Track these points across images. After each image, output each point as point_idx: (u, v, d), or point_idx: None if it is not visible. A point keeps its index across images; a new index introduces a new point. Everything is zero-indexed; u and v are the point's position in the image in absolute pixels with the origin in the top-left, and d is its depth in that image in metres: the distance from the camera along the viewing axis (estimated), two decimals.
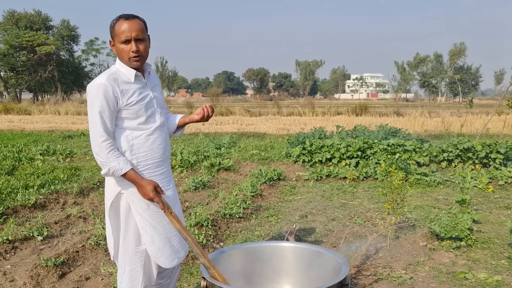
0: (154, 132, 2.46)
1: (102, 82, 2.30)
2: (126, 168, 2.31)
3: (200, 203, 5.85)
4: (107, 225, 2.52)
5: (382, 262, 3.92)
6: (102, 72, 2.47)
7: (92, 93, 2.31)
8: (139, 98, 2.39)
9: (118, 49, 2.36)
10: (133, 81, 2.39)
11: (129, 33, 2.31)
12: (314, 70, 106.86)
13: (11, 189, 6.12)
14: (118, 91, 2.32)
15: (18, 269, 3.81)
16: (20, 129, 17.65)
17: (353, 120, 17.90)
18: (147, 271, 2.52)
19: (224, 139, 12.15)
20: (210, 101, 30.92)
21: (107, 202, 2.46)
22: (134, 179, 2.33)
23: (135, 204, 2.40)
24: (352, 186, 6.92)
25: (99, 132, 2.29)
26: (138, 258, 2.48)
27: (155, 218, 2.43)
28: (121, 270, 2.52)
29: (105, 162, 2.29)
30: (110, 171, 2.30)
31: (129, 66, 2.39)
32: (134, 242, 2.46)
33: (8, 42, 49.40)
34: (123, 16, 2.35)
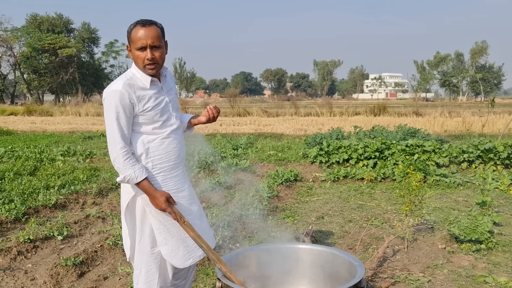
0: (169, 136, 2.47)
1: (119, 89, 2.30)
2: (141, 177, 2.34)
3: (217, 204, 5.88)
4: (123, 226, 2.56)
5: (399, 265, 3.88)
6: (121, 73, 2.48)
7: (108, 100, 2.32)
8: (155, 103, 2.40)
9: (134, 55, 2.37)
10: (149, 87, 2.39)
11: (145, 41, 2.31)
12: (332, 70, 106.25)
13: (33, 189, 6.25)
14: (134, 98, 2.33)
15: (38, 268, 3.89)
16: (42, 130, 18.01)
17: (371, 121, 17.72)
18: (162, 272, 2.55)
19: (241, 139, 12.18)
20: (228, 101, 30.99)
21: (123, 204, 2.49)
22: (147, 190, 2.36)
23: (150, 207, 2.42)
24: (369, 187, 6.86)
25: (117, 139, 2.31)
26: (154, 259, 2.51)
27: (169, 220, 2.45)
28: (137, 271, 2.55)
29: (121, 169, 2.32)
30: (125, 179, 2.33)
31: (144, 73, 2.41)
32: (149, 244, 2.49)
33: (31, 45, 50.57)
34: (140, 22, 2.34)
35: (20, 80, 55.80)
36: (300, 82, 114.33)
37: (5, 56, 53.06)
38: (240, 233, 4.74)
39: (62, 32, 55.57)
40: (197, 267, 3.83)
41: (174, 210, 2.40)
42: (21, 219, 5.12)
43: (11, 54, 52.45)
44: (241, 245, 4.41)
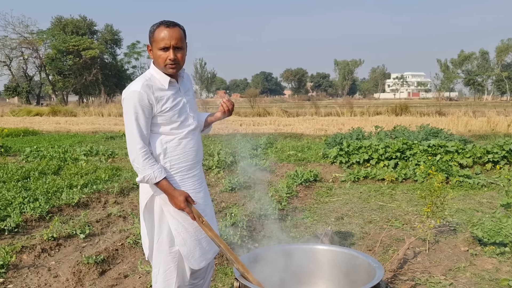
0: (186, 136, 2.49)
1: (137, 90, 2.33)
2: (160, 177, 2.37)
3: (236, 204, 5.90)
4: (142, 226, 2.59)
5: (420, 267, 3.82)
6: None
7: (127, 101, 2.35)
8: (172, 104, 2.42)
9: (155, 55, 2.39)
10: (167, 88, 2.42)
11: (168, 41, 2.34)
12: (353, 69, 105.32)
13: (57, 188, 6.39)
14: (153, 98, 2.36)
15: (61, 265, 3.98)
16: (66, 130, 18.39)
17: (392, 120, 17.50)
18: (180, 271, 2.57)
19: (261, 140, 12.19)
20: (248, 102, 31.03)
21: (142, 204, 2.52)
22: (167, 189, 2.39)
23: (168, 206, 2.45)
24: (390, 188, 6.77)
25: (136, 139, 2.35)
26: (172, 258, 2.53)
27: (187, 220, 2.47)
28: (156, 270, 2.58)
29: (140, 169, 2.35)
30: (144, 179, 2.36)
31: (164, 73, 2.42)
32: (167, 243, 2.51)
33: (56, 47, 51.68)
34: (164, 23, 2.37)
35: (45, 81, 57.08)
36: (320, 82, 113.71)
37: (31, 58, 54.39)
38: (259, 233, 4.75)
39: (85, 34, 56.60)
40: (215, 266, 3.85)
41: (192, 210, 2.42)
42: (45, 217, 5.25)
43: (37, 56, 53.69)
44: (259, 245, 4.42)
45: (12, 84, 54.67)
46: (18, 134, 15.74)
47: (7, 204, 5.48)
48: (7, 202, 5.53)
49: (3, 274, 3.71)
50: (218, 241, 2.46)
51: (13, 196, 5.77)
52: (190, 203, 2.43)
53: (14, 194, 5.84)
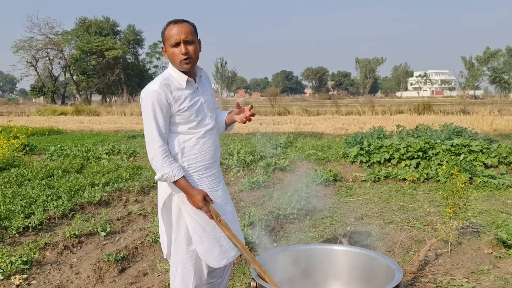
0: (204, 136, 2.50)
1: (155, 89, 2.36)
2: (179, 176, 2.38)
3: (255, 203, 5.90)
4: (160, 224, 2.61)
5: (442, 269, 3.74)
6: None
7: (146, 100, 2.37)
8: (190, 104, 2.43)
9: (169, 54, 2.42)
10: (185, 87, 2.44)
11: (178, 36, 2.36)
12: (375, 67, 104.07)
13: (79, 187, 6.50)
14: (171, 97, 2.38)
15: (83, 262, 4.05)
16: (89, 129, 18.73)
17: (415, 119, 17.21)
18: (198, 270, 2.59)
19: (280, 139, 12.16)
20: (268, 101, 31.02)
21: (160, 202, 2.54)
22: (185, 188, 2.40)
23: (185, 205, 2.46)
24: (411, 188, 6.66)
25: (155, 138, 2.37)
26: (189, 257, 2.55)
27: (204, 219, 2.48)
28: (174, 269, 2.59)
29: (159, 167, 2.37)
30: (163, 177, 2.38)
31: (180, 70, 2.44)
32: (185, 242, 2.53)
33: (80, 47, 52.71)
34: (172, 21, 2.41)
35: (70, 81, 58.28)
36: (341, 81, 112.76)
37: (56, 59, 55.60)
38: (277, 233, 4.73)
39: (108, 35, 57.54)
40: (233, 266, 3.85)
41: (210, 209, 2.43)
42: (68, 215, 5.35)
43: (62, 56, 54.86)
44: (278, 244, 4.41)
45: (38, 84, 55.98)
46: (43, 133, 16.10)
47: (31, 201, 5.61)
48: (32, 200, 5.67)
49: (27, 270, 3.80)
50: (235, 240, 2.46)
51: (37, 194, 5.90)
52: (208, 202, 2.44)
53: (38, 192, 5.98)
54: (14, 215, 5.08)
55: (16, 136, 10.81)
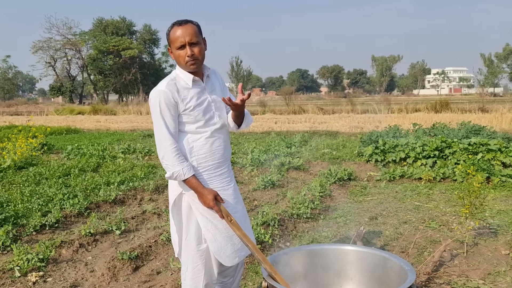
0: (213, 135, 2.51)
1: (162, 89, 2.39)
2: (189, 174, 2.39)
3: (269, 202, 5.89)
4: (171, 223, 2.63)
5: (457, 270, 3.69)
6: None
7: (154, 100, 2.41)
8: (197, 103, 2.45)
9: (175, 55, 2.44)
10: (191, 86, 2.45)
11: (183, 39, 2.37)
12: (391, 65, 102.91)
13: (95, 185, 6.59)
14: (177, 97, 2.40)
15: (98, 260, 4.10)
16: (106, 128, 18.97)
17: (431, 118, 16.97)
18: (208, 269, 2.60)
19: (295, 137, 12.13)
20: (283, 99, 30.96)
21: (170, 201, 2.56)
22: (196, 187, 2.41)
23: (197, 204, 2.47)
24: (427, 188, 6.57)
25: (165, 136, 2.39)
26: (199, 256, 2.56)
27: (216, 217, 2.48)
28: (184, 268, 2.61)
29: (170, 165, 2.38)
30: (173, 175, 2.39)
31: (186, 71, 2.46)
32: (195, 241, 2.54)
33: (97, 47, 53.41)
34: (176, 23, 2.42)
35: (87, 81, 59.09)
36: (357, 79, 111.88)
37: (74, 59, 56.46)
38: (290, 232, 4.72)
39: (125, 35, 58.15)
40: (246, 265, 3.86)
41: (221, 209, 2.44)
42: (83, 213, 5.42)
43: (79, 56, 55.70)
44: (291, 244, 4.40)
45: (57, 84, 56.90)
46: (61, 132, 16.36)
47: (48, 200, 5.71)
48: (49, 198, 5.76)
49: (43, 267, 3.86)
50: (246, 240, 2.46)
51: (54, 192, 5.99)
52: (219, 202, 2.44)
53: (55, 191, 6.07)
54: (31, 213, 5.17)
55: (34, 135, 11.00)
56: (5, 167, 8.01)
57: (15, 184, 6.82)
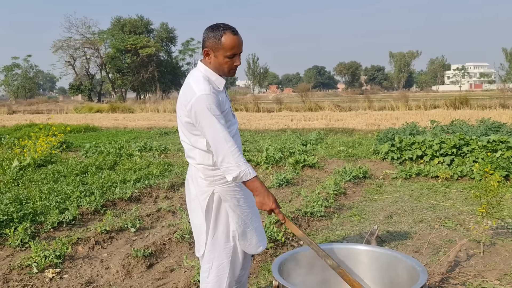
0: (235, 134, 2.55)
1: (208, 93, 2.33)
2: (254, 173, 2.35)
3: (283, 201, 5.89)
4: (199, 224, 2.63)
5: (473, 271, 3.63)
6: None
7: (201, 104, 2.32)
8: (227, 105, 2.50)
9: (219, 61, 2.41)
10: (222, 90, 2.49)
11: (237, 49, 2.39)
12: (410, 61, 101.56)
13: (111, 183, 6.68)
14: (219, 100, 2.40)
15: (113, 257, 4.16)
16: (124, 126, 19.18)
17: (450, 114, 16.71)
18: (232, 267, 2.64)
19: (311, 135, 12.08)
20: (300, 96, 30.82)
21: (202, 202, 2.55)
22: (259, 187, 2.34)
23: (228, 202, 2.53)
24: (444, 186, 6.47)
25: (225, 138, 2.30)
26: (226, 254, 2.60)
27: (245, 212, 2.57)
28: (208, 266, 2.63)
29: (235, 166, 2.29)
30: (240, 175, 2.31)
31: (221, 76, 2.48)
32: (223, 239, 2.58)
33: (115, 46, 54.05)
34: (230, 30, 2.39)
35: (105, 79, 59.83)
36: (375, 75, 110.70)
37: (93, 58, 57.22)
38: (304, 231, 4.71)
39: (142, 33, 58.66)
40: (258, 263, 3.87)
41: (281, 212, 2.47)
42: (100, 210, 5.51)
43: (98, 55, 56.39)
44: (304, 243, 4.38)
45: (76, 82, 57.77)
46: (79, 130, 16.63)
47: (66, 197, 5.81)
48: (66, 196, 5.86)
49: (60, 264, 3.94)
50: (309, 239, 2.56)
51: (71, 190, 6.10)
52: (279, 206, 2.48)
53: (73, 188, 6.18)
54: (49, 211, 5.27)
55: (54, 134, 11.20)
56: (25, 165, 8.18)
57: (34, 181, 6.97)
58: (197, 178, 2.56)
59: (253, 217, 2.62)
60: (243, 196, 2.55)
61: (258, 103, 27.22)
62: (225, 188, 2.51)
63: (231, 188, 2.51)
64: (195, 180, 2.58)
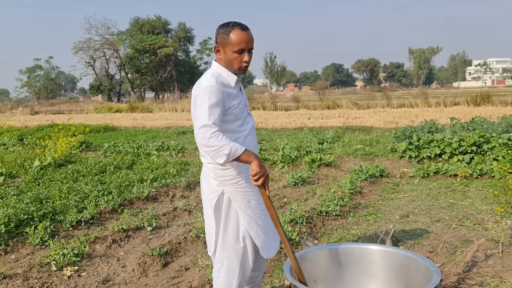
0: (250, 133, 2.57)
1: (212, 84, 2.35)
2: (243, 148, 2.29)
3: (298, 200, 5.88)
4: (209, 223, 2.67)
5: (490, 271, 3.56)
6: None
7: (202, 93, 2.34)
8: (237, 102, 2.49)
9: (228, 57, 2.44)
10: (233, 86, 2.49)
11: (245, 44, 2.41)
12: (430, 57, 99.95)
13: (129, 182, 6.77)
14: (225, 94, 2.41)
15: (129, 256, 4.22)
16: (142, 126, 19.39)
17: (471, 111, 16.40)
18: (242, 267, 2.65)
19: (327, 133, 12.02)
20: (317, 94, 30.67)
21: (211, 201, 2.59)
22: (252, 155, 2.31)
23: (239, 202, 2.54)
24: (463, 185, 6.36)
25: (210, 126, 2.26)
26: (236, 254, 2.62)
27: (256, 214, 2.57)
28: (219, 266, 2.66)
29: (222, 147, 2.24)
30: (231, 153, 2.25)
31: (233, 73, 2.49)
32: (233, 239, 2.60)
33: (134, 46, 54.65)
34: (239, 26, 2.42)
35: (125, 79, 60.60)
36: (394, 72, 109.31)
37: (112, 58, 58.02)
38: (319, 230, 4.70)
39: (160, 33, 59.15)
40: (273, 262, 3.88)
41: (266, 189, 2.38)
42: (117, 209, 5.59)
43: (117, 56, 57.15)
44: (319, 242, 4.38)
45: (96, 83, 58.67)
46: (99, 130, 16.89)
47: (84, 197, 5.92)
48: (85, 195, 5.97)
49: (78, 262, 4.02)
50: (275, 223, 2.44)
51: (90, 189, 6.20)
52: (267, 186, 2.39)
53: (91, 188, 6.28)
54: (68, 210, 5.38)
55: (74, 134, 11.40)
56: (46, 165, 8.35)
57: (55, 181, 7.11)
58: (208, 177, 2.59)
59: (266, 219, 2.59)
60: (255, 197, 2.55)
61: (275, 102, 27.20)
62: (235, 188, 2.52)
63: (241, 188, 2.52)
64: (206, 179, 2.61)
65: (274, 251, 2.69)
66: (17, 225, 4.75)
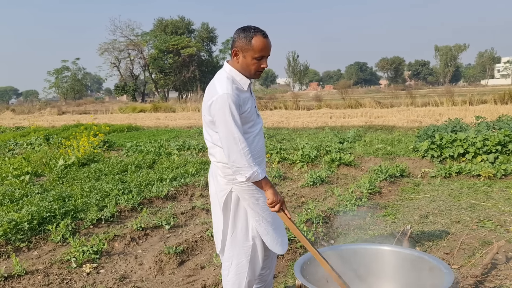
0: (258, 134, 2.60)
1: (229, 92, 2.38)
2: (263, 174, 2.45)
3: (316, 199, 5.85)
4: (216, 221, 2.70)
5: (511, 274, 3.47)
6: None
7: (221, 104, 2.38)
8: (250, 104, 2.52)
9: (247, 62, 2.46)
10: (246, 90, 2.52)
11: (266, 52, 2.45)
12: (457, 55, 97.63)
13: (149, 181, 6.87)
14: (240, 100, 2.44)
15: (147, 254, 4.29)
16: (165, 125, 19.63)
17: (498, 110, 15.96)
18: (252, 265, 2.66)
19: (348, 133, 11.91)
20: (340, 93, 30.39)
21: (220, 199, 2.62)
22: (268, 184, 2.46)
23: (247, 200, 2.57)
24: (486, 185, 6.21)
25: (239, 139, 2.36)
26: (245, 252, 2.64)
27: (265, 211, 2.59)
28: (228, 264, 2.68)
29: (246, 167, 2.36)
30: (252, 175, 2.38)
31: (247, 77, 2.52)
32: (242, 238, 2.62)
33: (158, 47, 55.39)
34: (261, 32, 2.44)
35: (149, 79, 61.46)
36: (419, 70, 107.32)
37: (136, 59, 58.93)
38: (335, 230, 4.67)
39: (184, 34, 59.75)
40: (287, 262, 3.88)
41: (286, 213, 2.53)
42: (136, 208, 5.69)
43: (141, 56, 58.00)
44: (335, 242, 4.35)
45: (121, 83, 59.68)
46: (122, 130, 17.18)
47: (105, 195, 6.04)
48: (106, 194, 6.09)
49: (97, 259, 4.11)
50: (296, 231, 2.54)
51: (111, 188, 6.33)
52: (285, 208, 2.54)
53: (112, 186, 6.41)
54: (89, 208, 5.51)
55: (95, 134, 11.64)
56: (69, 164, 8.55)
57: (77, 179, 7.28)
58: (216, 175, 2.62)
59: (274, 216, 2.61)
60: (263, 195, 2.56)
61: (298, 101, 27.09)
62: (243, 187, 2.54)
63: (249, 187, 2.54)
64: (214, 178, 2.64)
65: (284, 247, 2.69)
66: (40, 222, 4.89)
